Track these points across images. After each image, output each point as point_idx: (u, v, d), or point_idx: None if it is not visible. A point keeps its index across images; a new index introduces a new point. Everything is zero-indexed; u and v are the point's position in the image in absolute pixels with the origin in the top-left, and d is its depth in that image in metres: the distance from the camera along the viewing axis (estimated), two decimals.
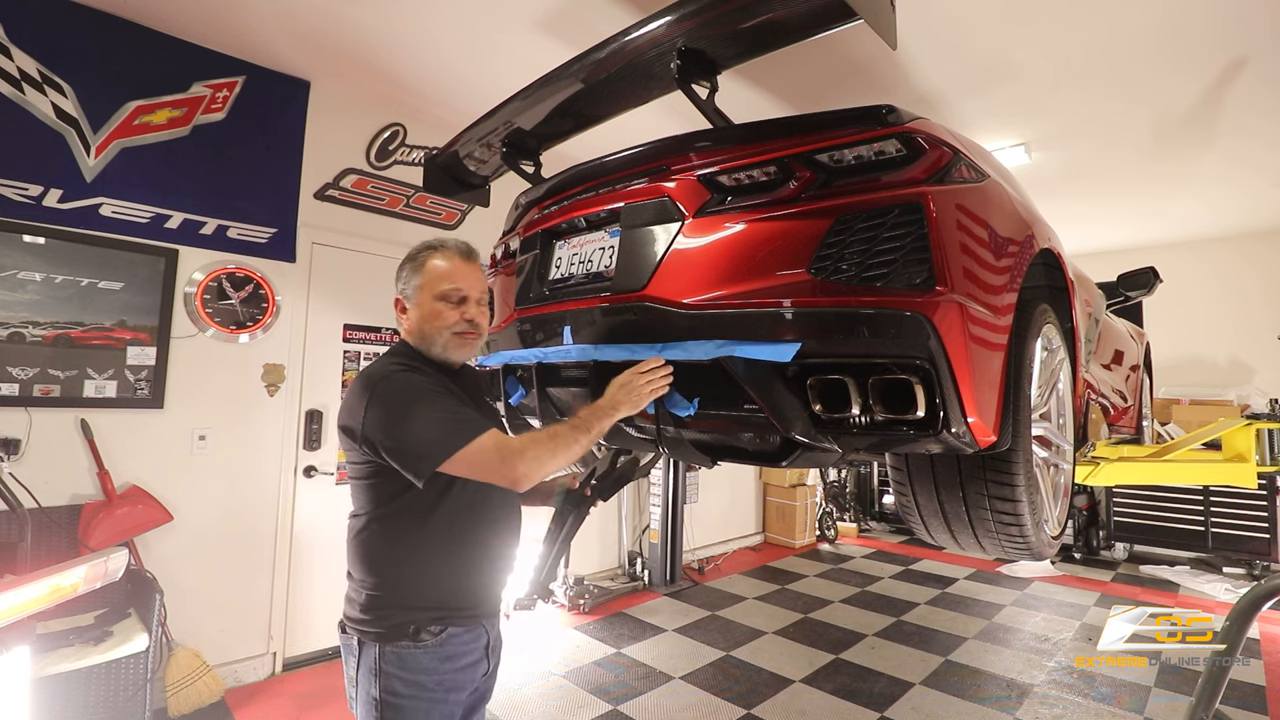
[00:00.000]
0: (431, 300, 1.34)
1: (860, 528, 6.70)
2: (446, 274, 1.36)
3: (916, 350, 1.07)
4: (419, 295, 1.35)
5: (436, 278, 1.35)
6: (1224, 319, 5.93)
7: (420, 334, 1.36)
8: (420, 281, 1.35)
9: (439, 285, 1.35)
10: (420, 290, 1.35)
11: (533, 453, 1.17)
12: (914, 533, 1.84)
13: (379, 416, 1.20)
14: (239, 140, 3.09)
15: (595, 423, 1.23)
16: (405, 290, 1.38)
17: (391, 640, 1.21)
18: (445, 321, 1.35)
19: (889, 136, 1.15)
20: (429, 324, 1.34)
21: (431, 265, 1.36)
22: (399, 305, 1.39)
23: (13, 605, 1.38)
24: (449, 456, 1.15)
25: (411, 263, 1.38)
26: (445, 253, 1.38)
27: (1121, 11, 2.59)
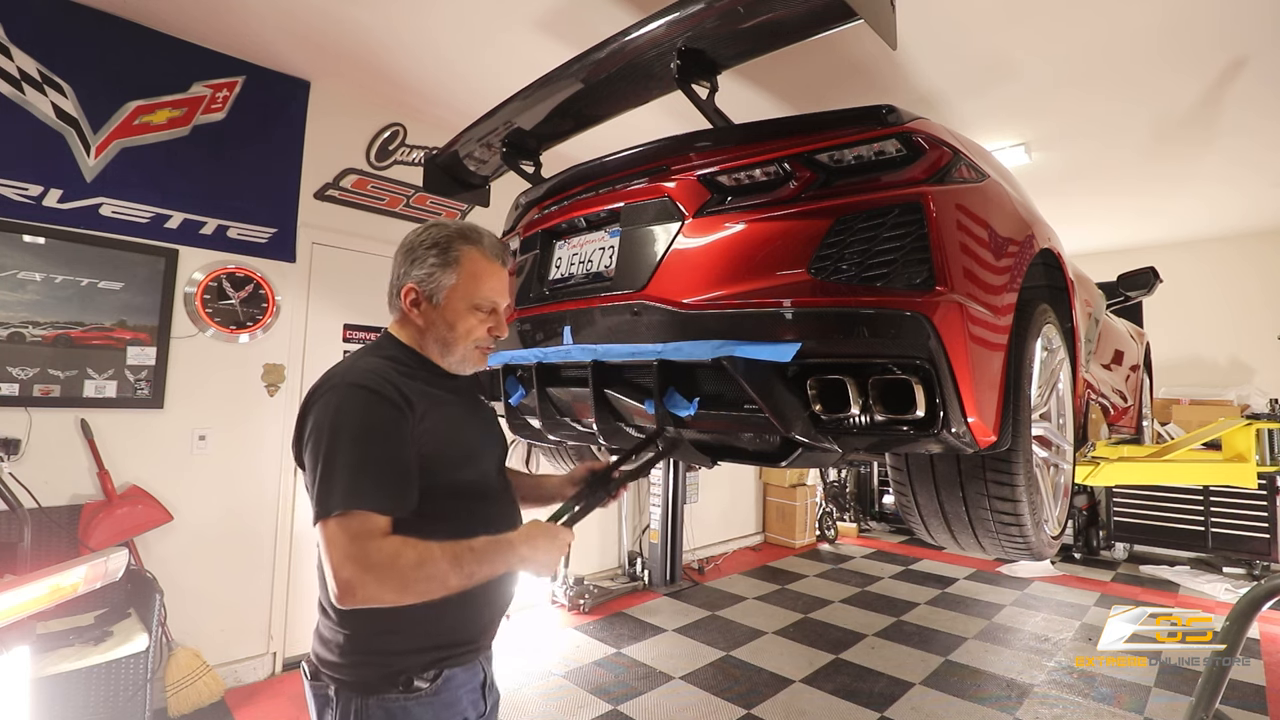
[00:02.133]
0: (465, 307, 1.13)
1: (860, 528, 6.70)
2: (485, 278, 1.15)
3: (916, 350, 1.07)
4: (447, 296, 1.13)
5: (474, 281, 1.14)
6: (1224, 319, 5.93)
7: (436, 339, 1.15)
8: (453, 281, 1.12)
9: (476, 291, 1.14)
10: (451, 292, 1.13)
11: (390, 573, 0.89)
12: (914, 533, 1.84)
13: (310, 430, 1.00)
14: (239, 140, 3.09)
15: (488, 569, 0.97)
16: (428, 285, 1.12)
17: (377, 691, 1.00)
18: (474, 335, 1.15)
19: (889, 136, 1.15)
20: (452, 332, 1.14)
21: (470, 264, 1.13)
22: (410, 298, 1.13)
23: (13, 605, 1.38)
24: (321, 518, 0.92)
25: (440, 253, 1.13)
26: (483, 250, 1.15)
27: (1121, 11, 2.59)
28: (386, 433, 0.99)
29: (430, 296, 1.13)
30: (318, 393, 1.03)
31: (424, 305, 1.14)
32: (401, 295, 1.15)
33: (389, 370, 1.07)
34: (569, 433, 1.72)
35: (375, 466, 0.97)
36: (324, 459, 0.96)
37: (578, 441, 1.81)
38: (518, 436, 1.95)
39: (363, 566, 0.89)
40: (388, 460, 0.98)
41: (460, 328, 1.14)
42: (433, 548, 0.94)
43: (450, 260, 1.13)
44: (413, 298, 1.14)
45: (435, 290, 1.13)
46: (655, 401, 1.34)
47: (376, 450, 0.98)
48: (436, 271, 1.12)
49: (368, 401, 1.00)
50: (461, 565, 0.94)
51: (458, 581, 0.94)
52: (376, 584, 0.89)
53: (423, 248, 1.14)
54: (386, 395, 1.01)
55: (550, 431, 1.73)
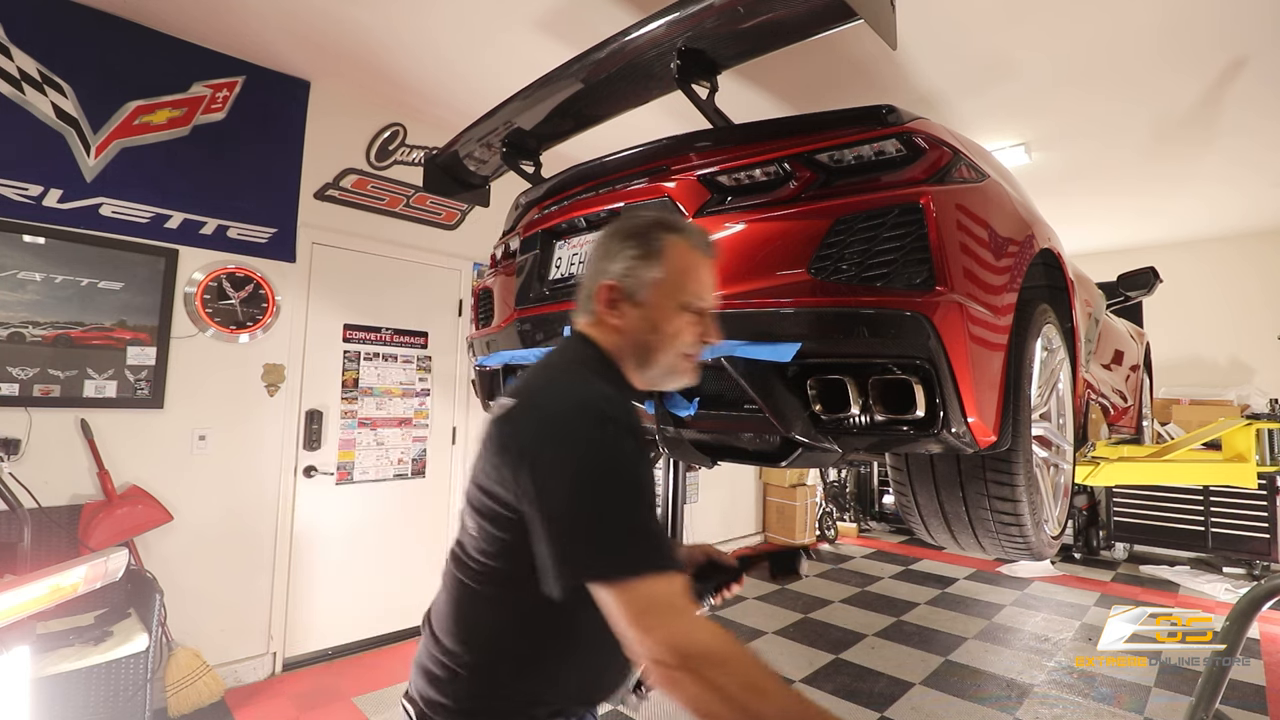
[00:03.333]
0: (674, 307, 0.96)
1: (860, 528, 6.70)
2: (703, 281, 0.99)
3: (916, 350, 1.07)
4: (653, 294, 0.96)
5: (687, 280, 0.97)
6: (1224, 319, 5.92)
7: (635, 345, 0.97)
8: (659, 275, 0.96)
9: (690, 292, 0.97)
10: (657, 288, 0.96)
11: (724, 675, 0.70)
12: (914, 533, 1.84)
13: (560, 472, 0.79)
14: (239, 140, 3.09)
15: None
16: (628, 281, 0.96)
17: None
18: (683, 340, 0.97)
19: (889, 136, 1.15)
20: (657, 335, 0.96)
21: (679, 255, 0.97)
22: (608, 296, 0.97)
23: (13, 605, 1.38)
24: (613, 579, 0.75)
25: (641, 243, 0.97)
26: (693, 246, 0.99)
27: (1121, 11, 2.59)
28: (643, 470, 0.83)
29: (630, 294, 0.96)
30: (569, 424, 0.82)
31: (623, 305, 0.97)
32: (595, 295, 0.98)
33: (609, 388, 0.91)
34: None
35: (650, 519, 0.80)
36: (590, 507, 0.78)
37: None
38: None
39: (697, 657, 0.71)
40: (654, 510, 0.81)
41: (666, 329, 0.96)
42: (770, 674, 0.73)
43: (654, 251, 0.96)
44: (609, 296, 0.97)
45: (636, 287, 0.96)
46: (655, 401, 1.34)
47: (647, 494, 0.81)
48: (640, 265, 0.96)
49: (625, 438, 0.82)
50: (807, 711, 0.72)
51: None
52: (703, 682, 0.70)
53: (618, 239, 0.99)
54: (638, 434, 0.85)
55: None
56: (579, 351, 0.99)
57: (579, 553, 0.78)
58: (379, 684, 3.04)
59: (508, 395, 0.91)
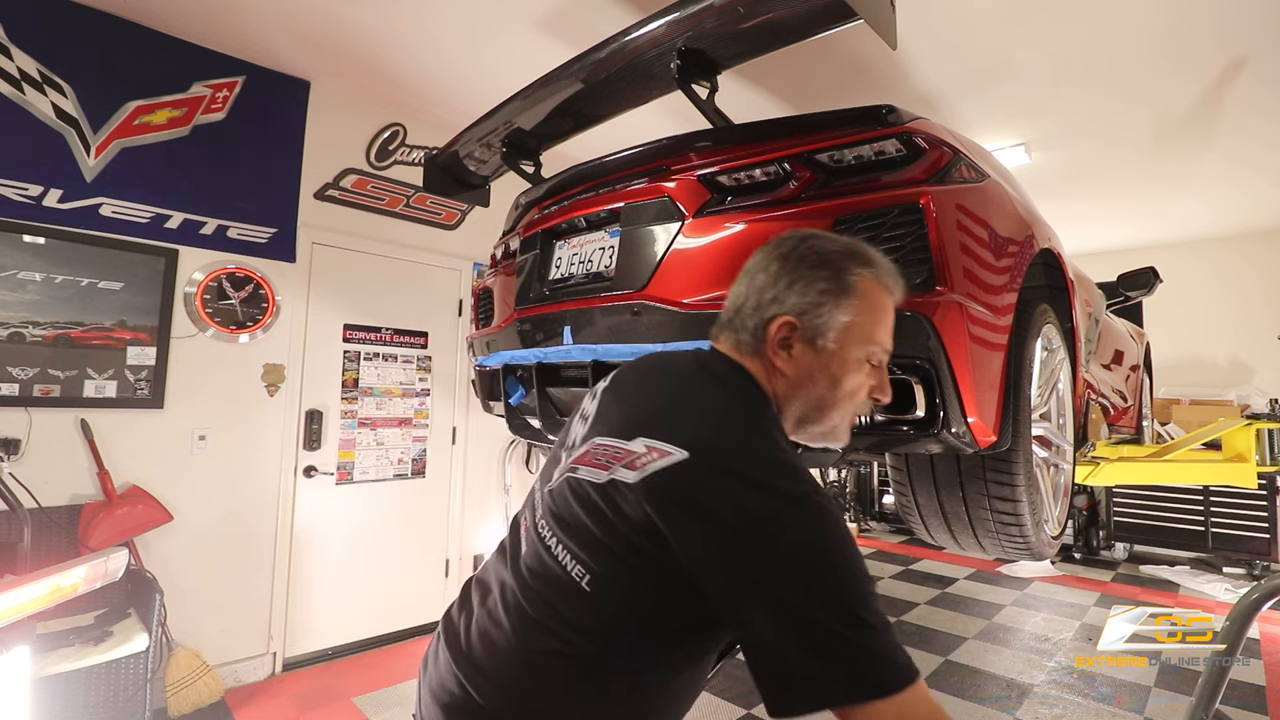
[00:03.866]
0: (859, 359, 0.81)
1: (860, 528, 6.69)
2: (887, 321, 0.84)
3: (916, 350, 1.07)
4: (840, 340, 0.79)
5: (876, 323, 0.82)
6: (1224, 319, 5.92)
7: (806, 398, 0.81)
8: (849, 319, 0.79)
9: (875, 336, 0.82)
10: (846, 334, 0.79)
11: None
12: (914, 533, 1.84)
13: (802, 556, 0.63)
14: (239, 140, 3.09)
15: None
16: (813, 321, 0.79)
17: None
18: (860, 396, 0.83)
19: (889, 136, 1.15)
20: (835, 391, 0.81)
21: (873, 296, 0.81)
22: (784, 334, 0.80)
23: (13, 605, 1.38)
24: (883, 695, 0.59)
25: (834, 277, 0.80)
26: (883, 281, 0.83)
27: (1122, 11, 2.59)
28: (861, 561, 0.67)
29: (812, 338, 0.79)
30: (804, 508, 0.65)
31: (801, 348, 0.80)
32: (768, 329, 0.80)
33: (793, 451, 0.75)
34: None
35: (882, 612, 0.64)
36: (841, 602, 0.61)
37: None
38: (518, 437, 1.96)
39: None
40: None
41: (846, 384, 0.81)
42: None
43: (846, 287, 0.79)
44: (785, 334, 0.80)
45: (822, 328, 0.79)
46: None
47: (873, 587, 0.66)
48: (830, 302, 0.79)
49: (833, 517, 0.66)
50: None
51: None
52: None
53: (806, 265, 0.80)
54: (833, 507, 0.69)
55: (550, 432, 1.73)
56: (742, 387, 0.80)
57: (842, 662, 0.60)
58: (379, 684, 3.04)
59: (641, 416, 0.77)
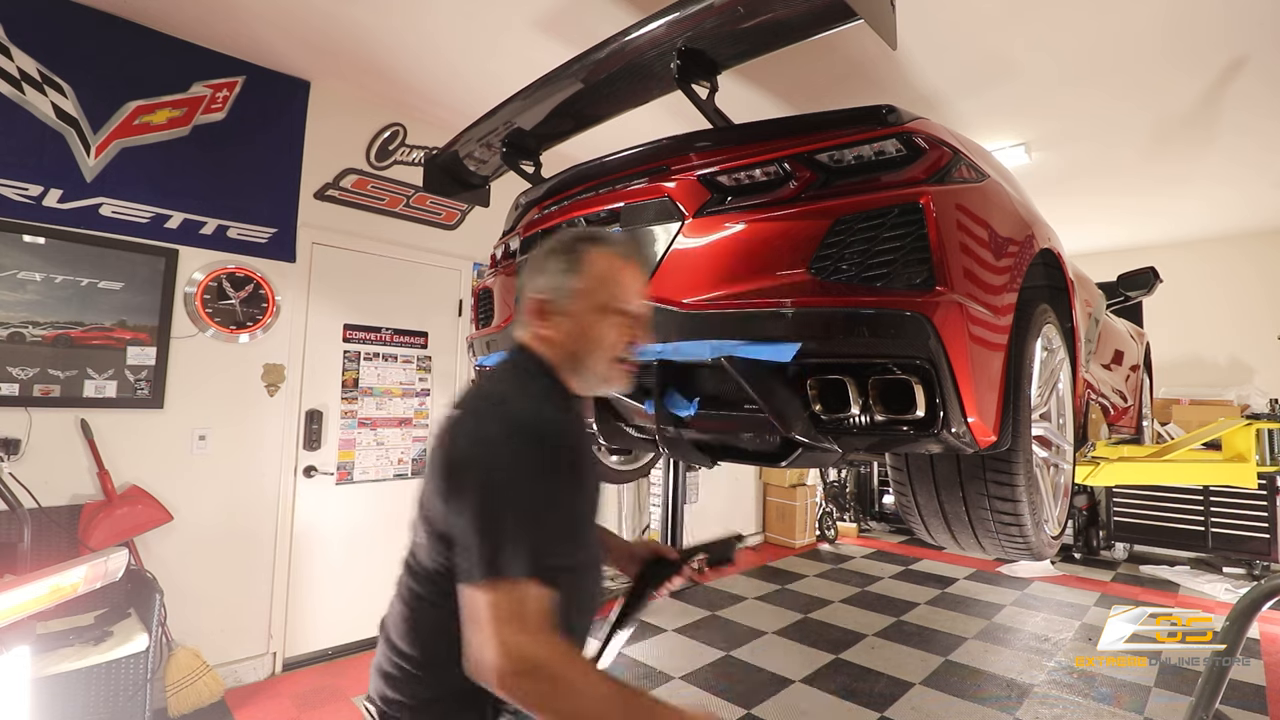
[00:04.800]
0: (597, 314, 1.02)
1: (860, 528, 6.70)
2: (626, 285, 1.04)
3: (916, 350, 1.07)
4: (578, 305, 1.02)
5: (611, 286, 1.02)
6: (1224, 319, 5.92)
7: (567, 354, 1.03)
8: (581, 286, 1.02)
9: (607, 293, 1.02)
10: (580, 298, 1.02)
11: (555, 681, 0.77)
12: (914, 533, 1.84)
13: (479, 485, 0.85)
14: (239, 140, 3.09)
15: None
16: (554, 293, 1.02)
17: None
18: (610, 344, 1.02)
19: (889, 136, 1.15)
20: (583, 342, 1.02)
21: (602, 269, 1.03)
22: (538, 309, 1.03)
23: (13, 605, 1.38)
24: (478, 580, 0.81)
25: (567, 257, 1.03)
26: (614, 254, 1.05)
27: (1122, 11, 2.59)
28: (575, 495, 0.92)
29: (559, 306, 1.02)
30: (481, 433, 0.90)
31: (551, 316, 1.03)
32: (528, 308, 1.05)
33: (556, 408, 0.98)
34: None
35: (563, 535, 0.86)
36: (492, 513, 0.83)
37: None
38: None
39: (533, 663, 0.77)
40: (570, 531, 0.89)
41: (591, 334, 1.02)
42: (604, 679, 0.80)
43: (574, 261, 1.03)
44: (539, 309, 1.03)
45: (561, 298, 1.02)
46: (655, 401, 1.34)
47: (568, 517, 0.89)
48: (564, 275, 1.02)
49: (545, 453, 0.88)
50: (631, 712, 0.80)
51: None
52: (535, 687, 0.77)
53: (545, 255, 1.06)
54: (573, 448, 0.92)
55: None
56: (519, 362, 1.05)
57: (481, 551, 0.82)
58: None
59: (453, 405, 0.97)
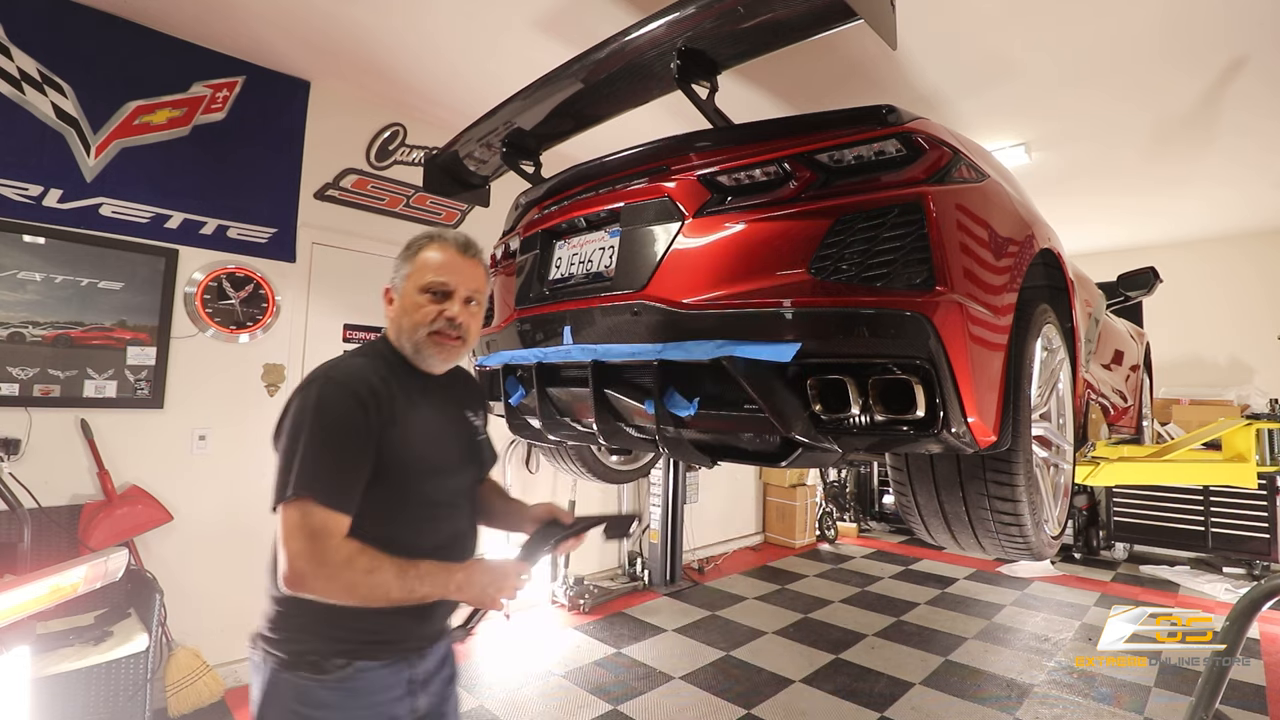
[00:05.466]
0: (414, 291, 1.20)
1: (860, 528, 6.70)
2: (436, 265, 1.21)
3: (916, 350, 1.07)
4: (404, 285, 1.22)
5: (424, 268, 1.21)
6: (1224, 319, 5.92)
7: (398, 330, 1.22)
8: (409, 270, 1.22)
9: (425, 276, 1.20)
10: (406, 280, 1.22)
11: (339, 574, 0.98)
12: (914, 533, 1.84)
13: (287, 419, 1.07)
14: (239, 140, 3.09)
15: (425, 589, 1.04)
16: (395, 280, 1.24)
17: (291, 668, 1.06)
18: (421, 317, 1.19)
19: (889, 136, 1.15)
20: (405, 317, 1.21)
21: (423, 255, 1.22)
22: (387, 295, 1.26)
23: (13, 605, 1.38)
24: (276, 503, 1.01)
25: (405, 251, 1.25)
26: (441, 243, 1.23)
27: (1122, 11, 2.59)
28: (354, 434, 1.07)
29: (395, 289, 1.24)
30: (304, 383, 1.11)
31: (393, 300, 1.24)
32: (384, 297, 1.27)
33: (369, 370, 1.14)
34: (569, 433, 1.72)
35: (341, 466, 1.05)
36: (294, 448, 1.03)
37: (578, 441, 1.81)
38: (518, 436, 1.96)
39: (318, 561, 0.98)
40: (352, 462, 1.06)
41: (412, 312, 1.20)
42: (383, 560, 1.01)
43: (410, 254, 1.23)
44: (388, 296, 1.25)
45: (398, 283, 1.23)
46: (655, 401, 1.34)
47: (345, 451, 1.05)
48: (401, 266, 1.24)
49: (342, 400, 1.07)
50: (405, 581, 1.02)
51: (399, 595, 1.02)
52: (326, 580, 0.99)
53: (400, 253, 1.25)
54: (360, 396, 1.08)
55: (550, 431, 1.73)
56: (377, 343, 1.26)
57: (277, 482, 1.02)
58: None
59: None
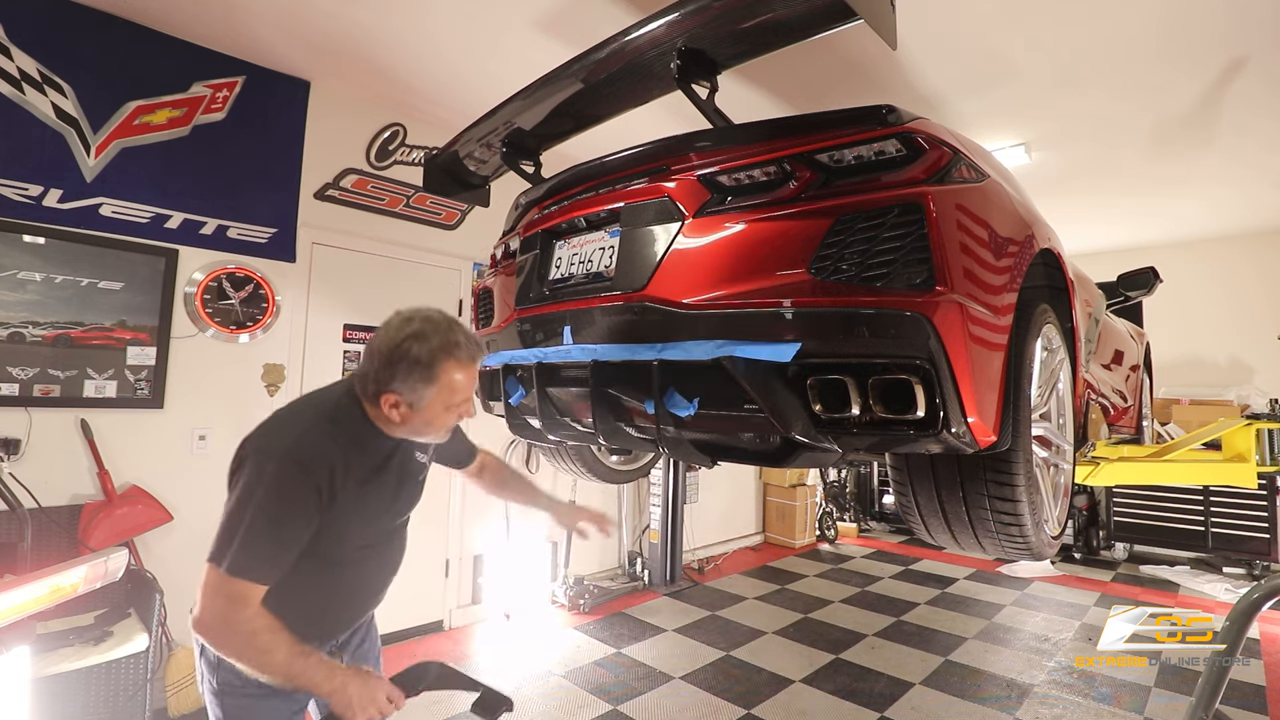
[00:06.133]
0: (442, 410, 1.25)
1: (860, 528, 6.70)
2: (463, 387, 1.26)
3: (916, 350, 1.06)
4: (429, 406, 1.23)
5: (452, 390, 1.24)
6: (1224, 319, 5.92)
7: (410, 432, 1.29)
8: (434, 394, 1.22)
9: (453, 398, 1.25)
10: (433, 402, 1.23)
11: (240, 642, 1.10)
12: (914, 533, 1.84)
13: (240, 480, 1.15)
14: (239, 140, 3.09)
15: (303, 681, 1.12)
16: (410, 397, 1.21)
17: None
18: (446, 425, 1.30)
19: (889, 136, 1.15)
20: (429, 429, 1.28)
21: (449, 379, 1.23)
22: (392, 404, 1.22)
23: (13, 605, 1.38)
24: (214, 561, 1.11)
25: (422, 370, 1.20)
26: (462, 363, 1.24)
27: (1121, 11, 2.59)
28: (299, 518, 1.16)
29: (411, 405, 1.23)
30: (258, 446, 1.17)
31: (403, 410, 1.23)
32: (381, 400, 1.23)
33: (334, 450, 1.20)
34: (569, 433, 1.72)
35: (279, 545, 1.14)
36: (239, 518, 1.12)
37: (578, 441, 1.81)
38: (517, 436, 1.96)
39: (227, 628, 1.09)
40: (290, 543, 1.15)
41: (437, 424, 1.28)
42: (280, 642, 1.10)
43: (432, 376, 1.21)
44: (393, 402, 1.22)
45: (416, 401, 1.22)
46: (655, 401, 1.34)
47: (286, 532, 1.14)
48: (421, 386, 1.21)
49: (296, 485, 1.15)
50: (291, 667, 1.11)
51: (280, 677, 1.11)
52: (223, 641, 1.11)
53: (406, 363, 1.20)
54: (315, 481, 1.16)
55: (550, 431, 1.73)
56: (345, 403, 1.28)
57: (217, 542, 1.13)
58: None
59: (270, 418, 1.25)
